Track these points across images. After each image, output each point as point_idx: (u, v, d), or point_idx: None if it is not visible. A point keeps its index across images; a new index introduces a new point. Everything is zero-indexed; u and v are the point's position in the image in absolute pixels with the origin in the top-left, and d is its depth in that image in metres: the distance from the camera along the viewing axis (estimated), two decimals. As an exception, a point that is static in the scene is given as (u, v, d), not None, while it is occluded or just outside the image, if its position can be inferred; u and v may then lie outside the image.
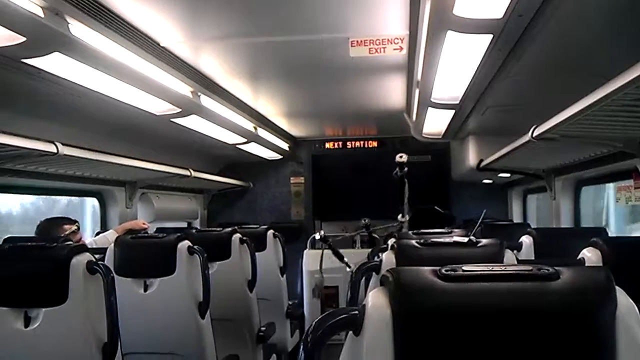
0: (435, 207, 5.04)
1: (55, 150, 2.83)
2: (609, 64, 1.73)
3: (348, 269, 3.50)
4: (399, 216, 3.95)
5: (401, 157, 3.69)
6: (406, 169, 3.74)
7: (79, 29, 2.15)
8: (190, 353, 2.70)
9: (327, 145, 6.94)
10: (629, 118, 2.14)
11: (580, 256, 1.77)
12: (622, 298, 0.87)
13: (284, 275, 4.34)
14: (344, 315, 0.94)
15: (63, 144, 2.91)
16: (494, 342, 0.85)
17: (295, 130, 6.30)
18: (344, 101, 4.64)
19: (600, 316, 0.85)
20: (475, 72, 2.57)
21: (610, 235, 3.25)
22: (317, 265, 4.80)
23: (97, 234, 4.10)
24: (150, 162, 4.11)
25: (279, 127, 5.76)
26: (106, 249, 2.78)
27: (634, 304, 0.87)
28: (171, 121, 3.57)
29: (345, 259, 3.86)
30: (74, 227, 3.41)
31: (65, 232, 3.31)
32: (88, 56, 2.28)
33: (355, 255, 4.21)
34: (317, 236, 3.99)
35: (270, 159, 6.45)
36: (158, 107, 3.25)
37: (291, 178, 7.03)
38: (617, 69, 1.67)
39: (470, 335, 0.85)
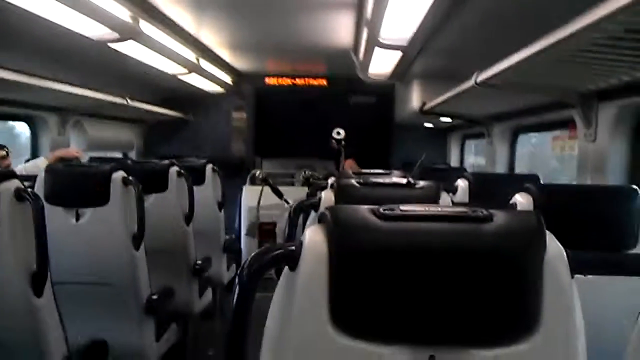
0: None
1: (-21, 71, 2.66)
2: (556, 14, 1.74)
3: (286, 205, 3.51)
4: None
5: (339, 133, 3.82)
6: (343, 142, 3.85)
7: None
8: (123, 284, 2.67)
9: (271, 81, 6.81)
10: (570, 69, 2.18)
11: (512, 201, 1.83)
12: (552, 242, 0.89)
13: (222, 210, 4.33)
14: (280, 251, 0.94)
15: (-11, 64, 2.74)
16: (426, 281, 0.86)
17: (239, 64, 6.14)
18: (292, 36, 4.54)
19: (530, 259, 0.87)
20: (425, 13, 2.54)
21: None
22: (256, 201, 4.83)
23: (27, 160, 3.94)
24: (84, 89, 3.94)
25: (222, 59, 5.60)
26: (36, 176, 2.67)
27: (562, 248, 0.90)
28: (109, 47, 3.40)
29: (285, 197, 3.89)
30: (3, 153, 3.26)
31: None
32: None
33: (295, 193, 4.25)
34: (258, 175, 4.00)
35: (212, 92, 6.29)
36: (95, 30, 3.07)
37: (233, 113, 6.91)
38: (563, 20, 1.68)
39: (405, 274, 0.86)
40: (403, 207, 0.91)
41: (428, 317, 0.87)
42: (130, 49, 3.57)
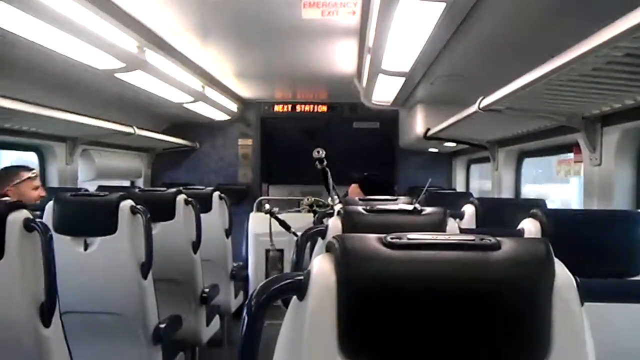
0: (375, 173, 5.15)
1: (-11, 102, 2.70)
2: (557, 41, 1.76)
3: (295, 238, 3.50)
4: (329, 200, 4.09)
5: (318, 152, 3.86)
6: (325, 162, 3.90)
7: (16, -26, 2.03)
8: (131, 313, 2.66)
9: (276, 107, 6.87)
10: (573, 94, 2.19)
11: (520, 226, 1.82)
12: (560, 270, 0.89)
13: (229, 237, 4.33)
14: (288, 280, 0.94)
15: (-1, 96, 2.78)
16: (435, 309, 0.86)
17: (244, 92, 6.20)
18: (295, 64, 4.59)
19: (539, 287, 0.87)
20: (427, 40, 2.57)
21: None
22: (263, 228, 4.82)
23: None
24: (92, 118, 3.98)
25: (227, 87, 5.66)
26: (45, 205, 2.69)
27: (571, 276, 0.90)
28: (115, 76, 3.44)
29: (293, 229, 3.90)
30: (31, 174, 3.24)
31: (22, 178, 3.18)
32: (27, 4, 2.15)
33: (301, 220, 4.26)
34: (266, 207, 4.02)
35: (218, 120, 6.35)
36: (101, 61, 3.12)
37: (239, 140, 6.95)
38: (564, 46, 1.70)
39: (413, 302, 0.86)
40: (410, 235, 0.91)
41: (438, 346, 0.86)
42: (136, 78, 3.62)
